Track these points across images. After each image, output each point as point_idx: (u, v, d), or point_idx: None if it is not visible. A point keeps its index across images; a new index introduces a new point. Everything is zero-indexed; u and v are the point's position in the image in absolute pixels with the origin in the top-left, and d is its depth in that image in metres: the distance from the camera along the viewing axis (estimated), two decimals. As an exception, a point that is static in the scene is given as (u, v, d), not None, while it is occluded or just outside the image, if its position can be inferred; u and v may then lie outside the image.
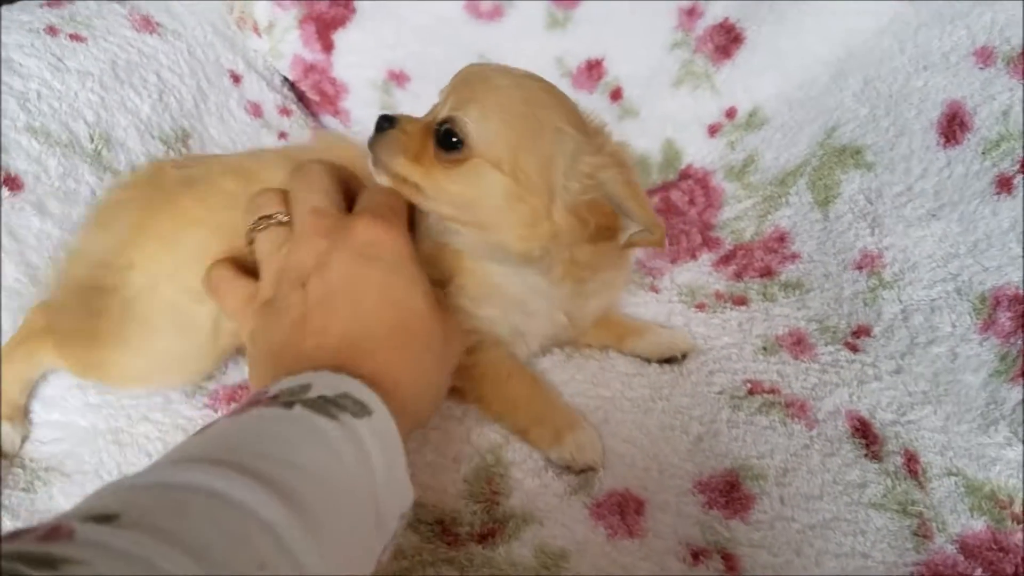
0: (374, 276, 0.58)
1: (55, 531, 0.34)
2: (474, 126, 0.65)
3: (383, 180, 0.68)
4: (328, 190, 0.64)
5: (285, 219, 0.64)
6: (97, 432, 0.73)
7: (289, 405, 0.47)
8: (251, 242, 0.66)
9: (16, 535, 0.34)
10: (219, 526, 0.37)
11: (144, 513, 0.36)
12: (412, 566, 0.60)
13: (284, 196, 0.66)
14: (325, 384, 0.50)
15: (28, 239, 0.78)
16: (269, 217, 0.65)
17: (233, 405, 0.55)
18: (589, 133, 0.70)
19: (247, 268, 0.67)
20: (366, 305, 0.57)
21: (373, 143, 0.68)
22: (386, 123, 0.68)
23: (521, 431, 0.72)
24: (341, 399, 0.49)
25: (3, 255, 0.76)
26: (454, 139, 0.65)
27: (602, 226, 0.67)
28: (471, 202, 0.67)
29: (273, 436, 0.45)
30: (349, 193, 0.66)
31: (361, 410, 0.49)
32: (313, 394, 0.48)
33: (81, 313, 0.71)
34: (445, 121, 0.66)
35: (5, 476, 0.69)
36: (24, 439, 0.73)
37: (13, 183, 0.79)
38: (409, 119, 0.69)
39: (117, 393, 0.76)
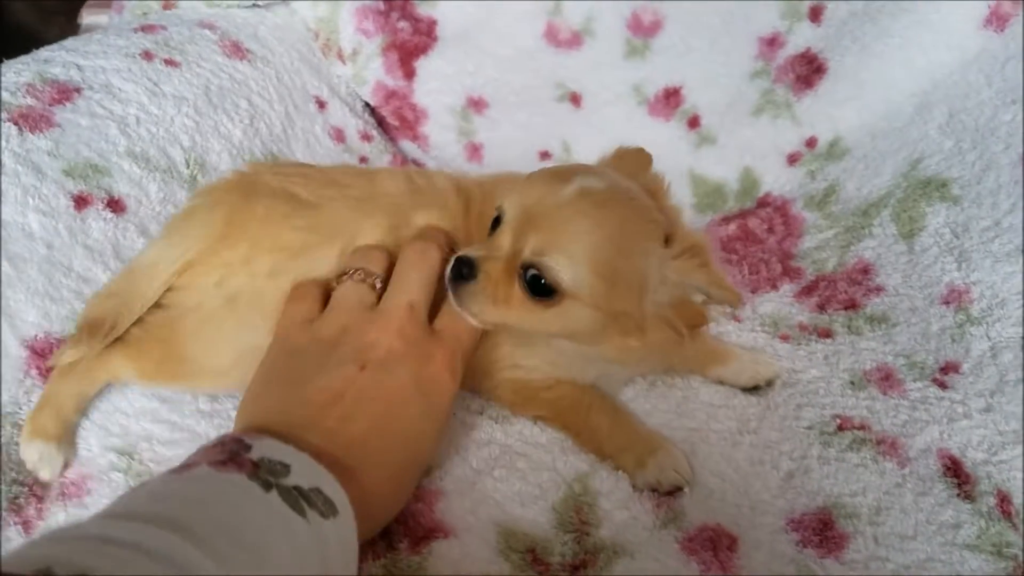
0: (417, 409, 0.62)
1: None
2: (565, 273, 0.64)
3: (471, 323, 0.69)
4: (431, 286, 0.68)
5: (379, 285, 0.68)
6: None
7: (267, 487, 0.48)
8: (338, 281, 0.69)
9: None
10: None
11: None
12: (506, 595, 0.59)
13: (390, 263, 0.69)
14: (302, 471, 0.51)
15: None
16: (368, 274, 0.68)
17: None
18: (665, 220, 0.70)
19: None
20: (396, 427, 0.61)
21: (456, 292, 0.68)
22: (465, 269, 0.67)
23: (607, 458, 0.73)
24: (313, 493, 0.50)
25: (110, 273, 0.78)
26: (543, 282, 0.65)
27: (690, 323, 0.68)
28: (565, 332, 0.69)
29: (248, 519, 0.45)
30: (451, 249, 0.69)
31: (329, 509, 0.50)
32: (290, 481, 0.49)
33: (155, 317, 0.73)
34: (530, 266, 0.65)
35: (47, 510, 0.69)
36: (67, 465, 0.71)
37: (117, 205, 0.82)
38: (487, 259, 0.67)
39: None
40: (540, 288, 0.65)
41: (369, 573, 0.62)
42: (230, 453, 0.50)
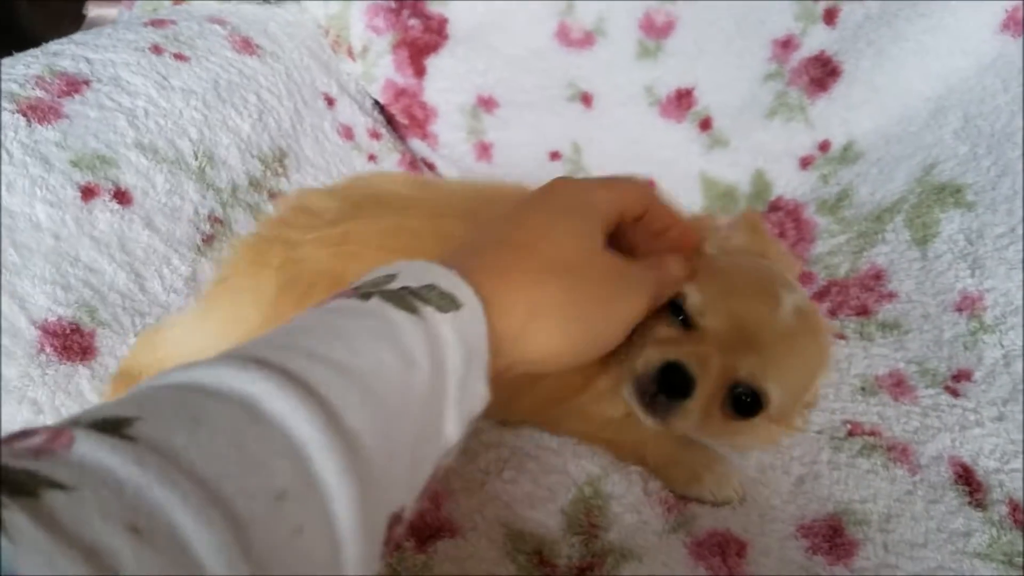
0: (567, 199, 0.55)
1: (54, 437, 0.30)
2: (776, 394, 0.61)
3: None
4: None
5: None
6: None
7: (366, 296, 0.43)
8: None
9: (15, 437, 0.31)
10: (238, 446, 0.32)
11: (159, 422, 0.32)
12: (511, 596, 0.58)
13: None
14: (412, 274, 0.45)
15: (136, 251, 0.80)
16: None
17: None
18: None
19: None
20: (539, 223, 0.53)
21: (665, 405, 0.61)
22: (681, 383, 0.60)
23: (655, 470, 0.71)
24: (425, 291, 0.44)
25: (116, 265, 0.78)
26: (747, 400, 0.61)
27: None
28: (745, 445, 0.70)
29: (337, 332, 0.40)
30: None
31: (448, 303, 0.44)
32: (396, 284, 0.44)
33: None
34: (742, 386, 0.61)
35: None
36: None
37: (123, 197, 0.82)
38: (702, 375, 0.60)
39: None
40: (743, 406, 0.61)
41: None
42: (334, 295, 0.45)
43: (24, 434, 0.31)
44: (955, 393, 0.78)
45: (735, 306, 0.62)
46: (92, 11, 1.49)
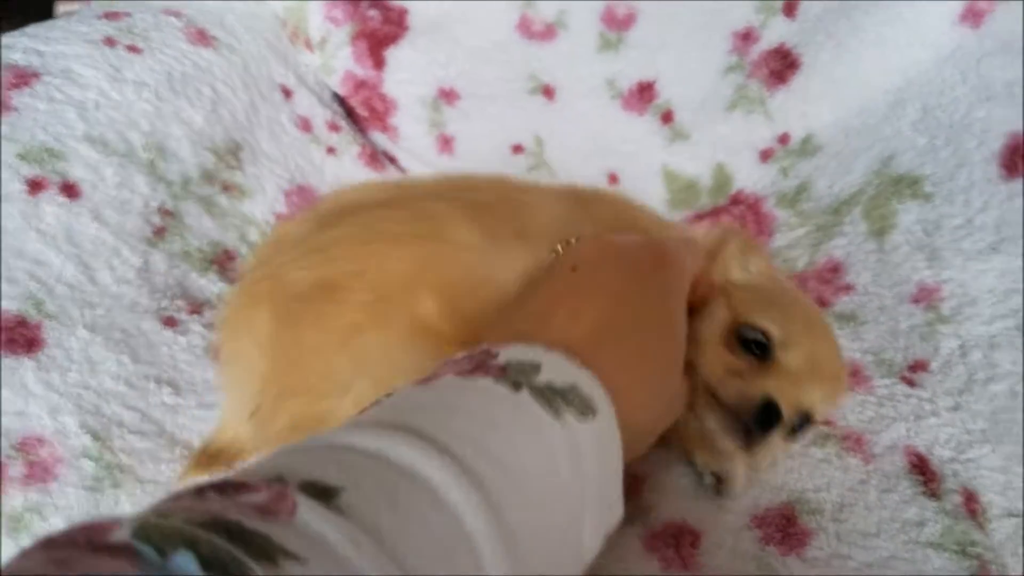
0: (648, 283, 0.55)
1: (278, 500, 0.31)
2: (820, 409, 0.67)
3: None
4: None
5: None
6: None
7: (517, 387, 0.43)
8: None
9: (230, 487, 0.32)
10: (430, 533, 0.34)
11: (364, 497, 0.34)
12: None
13: None
14: (555, 369, 0.45)
15: (84, 244, 0.79)
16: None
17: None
18: None
19: None
20: (627, 307, 0.53)
21: (756, 439, 0.64)
22: (775, 420, 0.63)
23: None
24: (569, 392, 0.44)
25: (63, 257, 0.77)
26: (798, 425, 0.66)
27: None
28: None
29: (496, 424, 0.41)
30: None
31: (586, 409, 0.44)
32: (542, 379, 0.44)
33: None
34: (805, 415, 0.65)
35: None
36: None
37: (71, 190, 0.80)
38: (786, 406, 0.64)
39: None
40: (792, 431, 0.66)
41: None
42: (477, 362, 0.46)
43: (238, 487, 0.32)
44: (911, 383, 0.79)
45: (813, 343, 0.66)
46: (62, 9, 1.46)
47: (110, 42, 0.96)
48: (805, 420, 0.65)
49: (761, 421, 0.62)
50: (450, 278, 0.69)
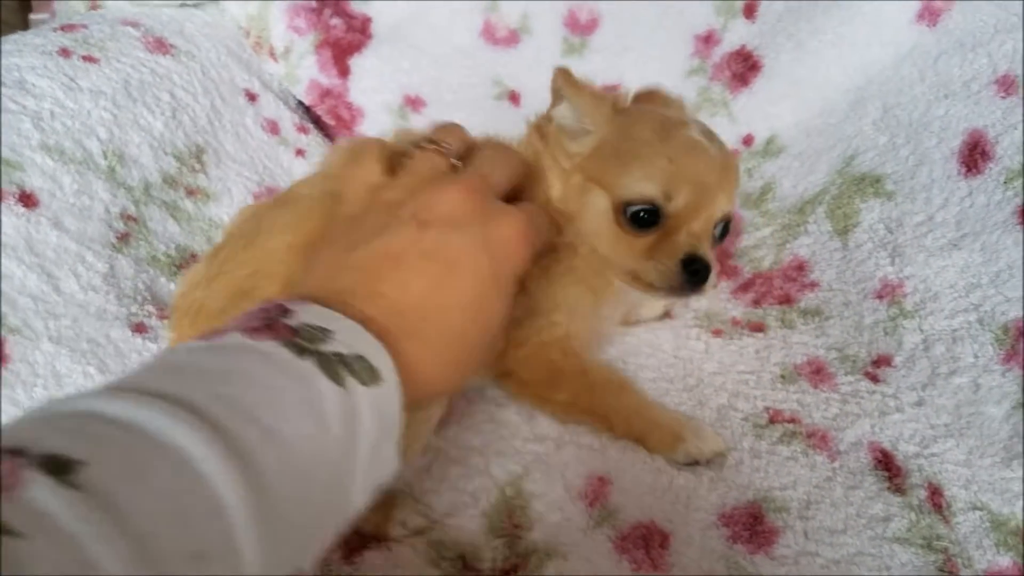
0: (482, 271, 0.55)
1: (8, 475, 0.30)
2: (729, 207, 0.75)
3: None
4: (509, 181, 0.62)
5: (456, 162, 0.61)
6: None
7: (302, 352, 0.43)
8: (410, 154, 0.62)
9: None
10: (178, 504, 0.33)
11: (108, 470, 0.32)
12: (436, 603, 0.58)
13: (467, 144, 0.64)
14: (347, 338, 0.46)
15: (47, 253, 0.79)
16: (445, 148, 0.62)
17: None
18: None
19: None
20: (457, 291, 0.54)
21: (688, 292, 0.71)
22: (704, 271, 0.70)
23: (638, 438, 0.72)
24: (355, 361, 0.45)
25: (25, 267, 0.76)
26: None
27: None
28: None
29: (270, 389, 0.41)
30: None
31: (371, 377, 0.45)
32: (330, 347, 0.45)
33: None
34: (724, 224, 0.74)
35: None
36: None
37: (29, 200, 0.80)
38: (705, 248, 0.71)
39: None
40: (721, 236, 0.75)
41: None
42: (267, 319, 0.45)
43: None
44: (875, 379, 0.79)
45: (682, 164, 0.70)
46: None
47: (65, 53, 0.95)
48: (725, 222, 0.73)
49: (692, 277, 0.69)
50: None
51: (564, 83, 0.75)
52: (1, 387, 0.70)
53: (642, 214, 0.70)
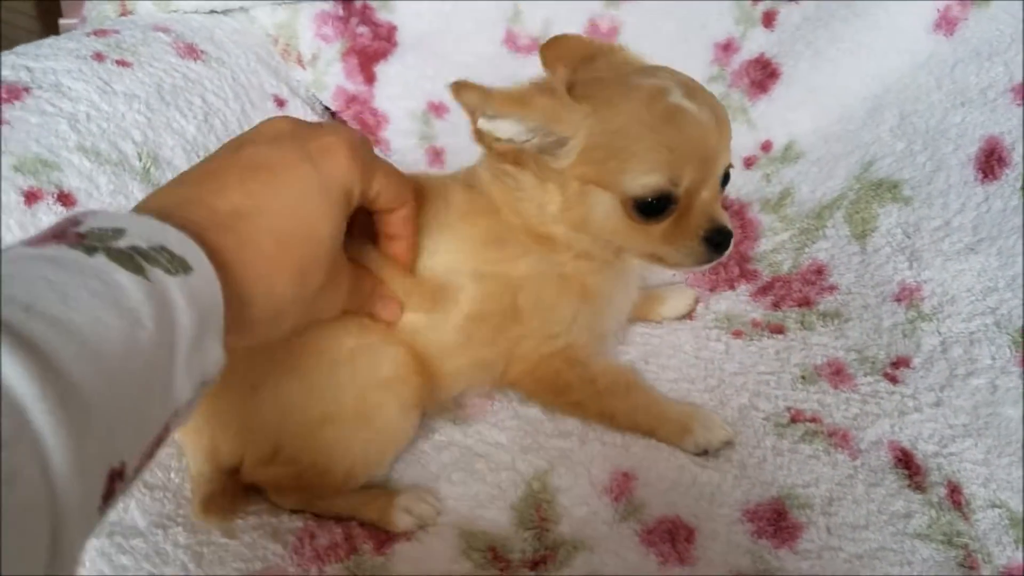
0: (304, 178, 0.56)
1: None
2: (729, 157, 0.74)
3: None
4: (388, 178, 0.63)
5: None
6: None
7: (91, 251, 0.42)
8: None
9: None
10: None
11: None
12: (468, 591, 0.60)
13: None
14: (142, 232, 0.45)
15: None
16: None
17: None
18: None
19: None
20: (279, 197, 0.55)
21: (715, 259, 0.72)
22: (728, 237, 0.71)
23: (649, 432, 0.75)
24: (155, 251, 0.44)
25: None
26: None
27: None
28: None
29: (56, 287, 0.40)
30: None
31: (178, 267, 0.45)
32: (124, 243, 0.44)
33: None
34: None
35: None
36: None
37: (67, 199, 0.81)
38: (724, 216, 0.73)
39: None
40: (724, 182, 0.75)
41: (332, 574, 0.62)
42: (55, 231, 0.44)
43: None
44: (893, 380, 0.81)
45: (689, 153, 0.68)
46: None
47: (99, 57, 0.97)
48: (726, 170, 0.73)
49: (716, 247, 0.71)
50: None
51: (486, 100, 0.71)
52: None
53: (653, 203, 0.69)
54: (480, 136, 0.73)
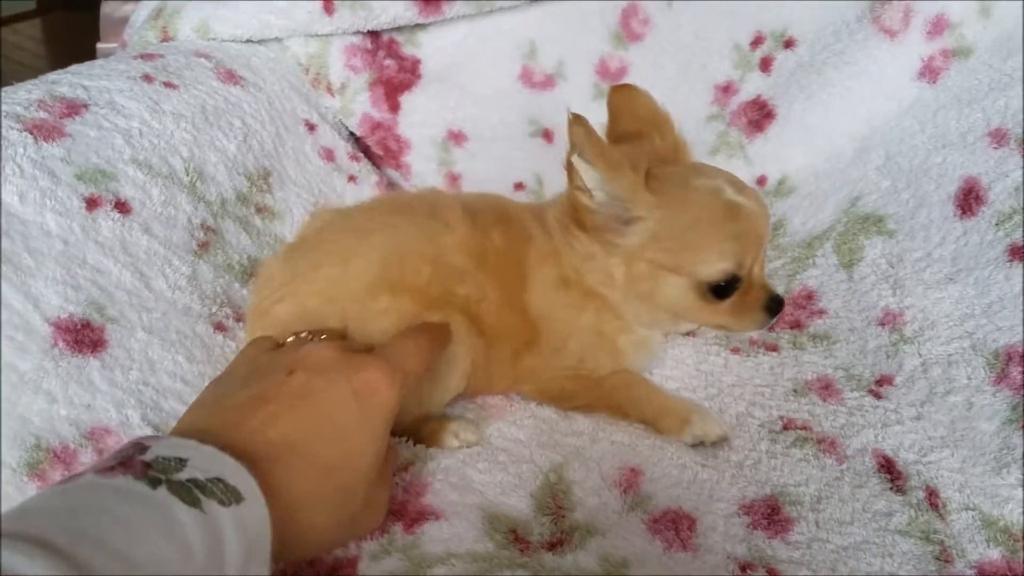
0: (350, 414, 0.59)
1: None
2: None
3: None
4: (420, 364, 0.68)
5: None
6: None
7: (155, 483, 0.45)
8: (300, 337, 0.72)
9: None
10: None
11: None
12: (490, 567, 0.64)
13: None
14: (202, 463, 0.48)
15: (139, 254, 0.86)
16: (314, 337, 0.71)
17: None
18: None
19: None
20: (325, 429, 0.58)
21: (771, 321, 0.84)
22: (781, 304, 0.84)
23: (651, 422, 0.82)
24: (212, 483, 0.47)
25: (120, 265, 0.83)
26: None
27: None
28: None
29: (122, 521, 0.42)
30: None
31: (231, 498, 0.47)
32: (185, 474, 0.46)
33: None
34: None
35: None
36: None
37: (123, 207, 0.87)
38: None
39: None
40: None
41: (367, 550, 0.66)
42: (122, 458, 0.47)
43: None
44: (878, 395, 0.86)
45: (750, 240, 0.79)
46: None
47: (148, 79, 1.03)
48: None
49: (773, 312, 0.83)
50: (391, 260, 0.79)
51: (588, 143, 0.75)
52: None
53: (724, 286, 0.79)
54: (569, 169, 0.79)
